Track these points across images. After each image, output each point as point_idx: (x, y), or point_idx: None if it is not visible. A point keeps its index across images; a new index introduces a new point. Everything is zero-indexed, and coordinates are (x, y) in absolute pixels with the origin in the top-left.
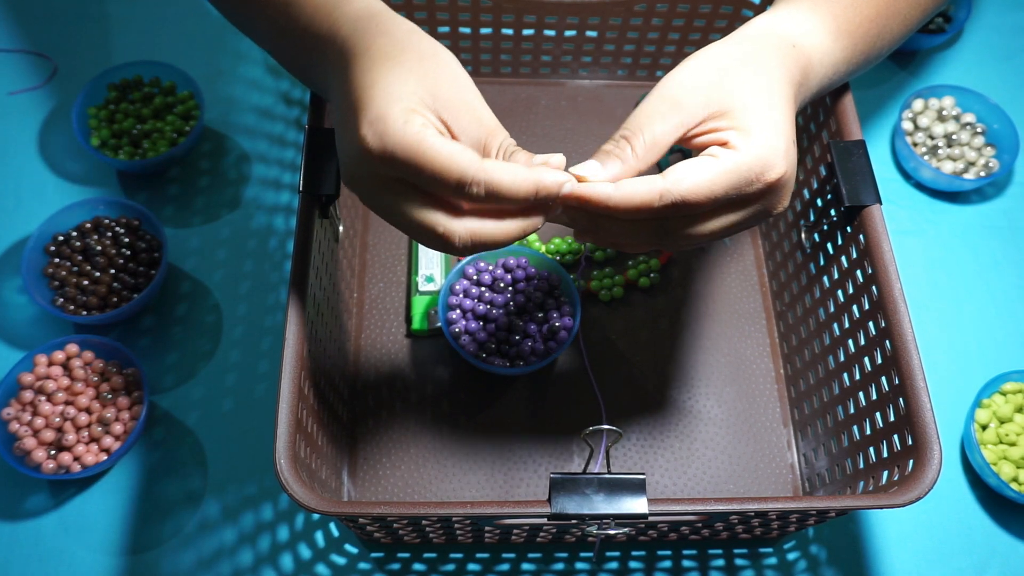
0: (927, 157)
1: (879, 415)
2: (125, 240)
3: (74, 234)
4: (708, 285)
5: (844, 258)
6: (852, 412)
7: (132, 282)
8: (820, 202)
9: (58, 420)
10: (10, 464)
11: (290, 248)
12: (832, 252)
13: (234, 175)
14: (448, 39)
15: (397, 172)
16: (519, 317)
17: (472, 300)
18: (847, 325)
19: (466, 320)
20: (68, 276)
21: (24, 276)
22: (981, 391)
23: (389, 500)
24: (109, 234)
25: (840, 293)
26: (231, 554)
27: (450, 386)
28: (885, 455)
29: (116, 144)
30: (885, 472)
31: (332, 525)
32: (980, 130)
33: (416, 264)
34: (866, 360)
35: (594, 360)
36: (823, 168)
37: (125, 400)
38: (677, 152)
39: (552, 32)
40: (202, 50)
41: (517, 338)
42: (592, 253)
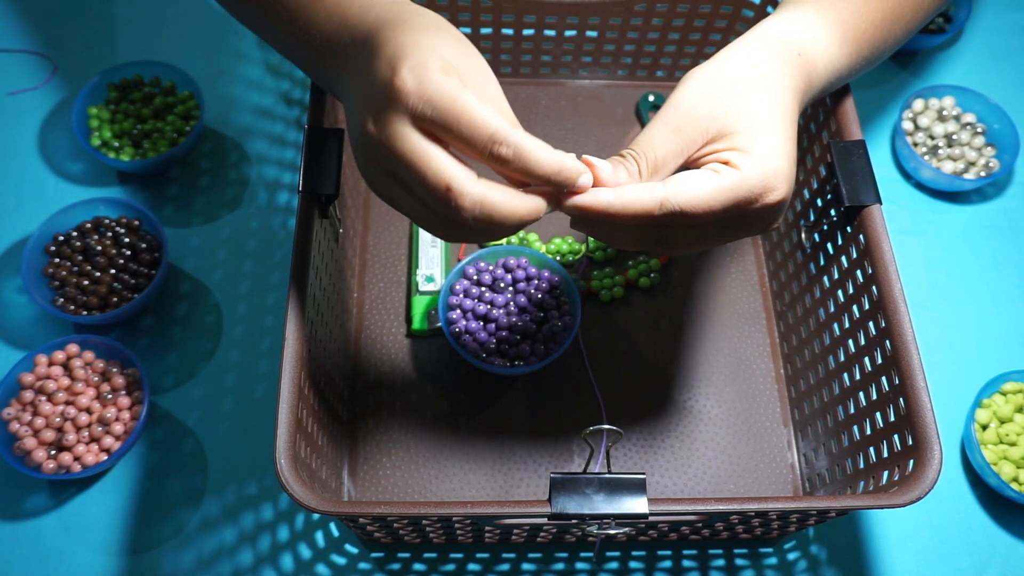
0: (927, 157)
1: (879, 415)
2: (125, 240)
3: (74, 234)
4: (708, 285)
5: (844, 258)
6: (852, 412)
7: (132, 282)
8: (820, 202)
9: (58, 420)
10: (10, 464)
11: (290, 248)
12: (832, 252)
13: (234, 175)
14: None
15: (430, 117)
16: (519, 317)
17: (472, 300)
18: (847, 325)
19: (466, 320)
20: (68, 276)
21: (24, 276)
22: (981, 391)
23: (389, 500)
24: (109, 234)
25: (840, 293)
26: (231, 554)
27: (450, 386)
28: (885, 455)
29: (116, 144)
30: (885, 472)
31: (332, 525)
32: (980, 130)
33: (416, 264)
34: (866, 360)
35: (594, 360)
36: (823, 168)
37: (125, 400)
38: None
39: (552, 32)
40: (202, 50)
41: (517, 338)
42: (592, 253)
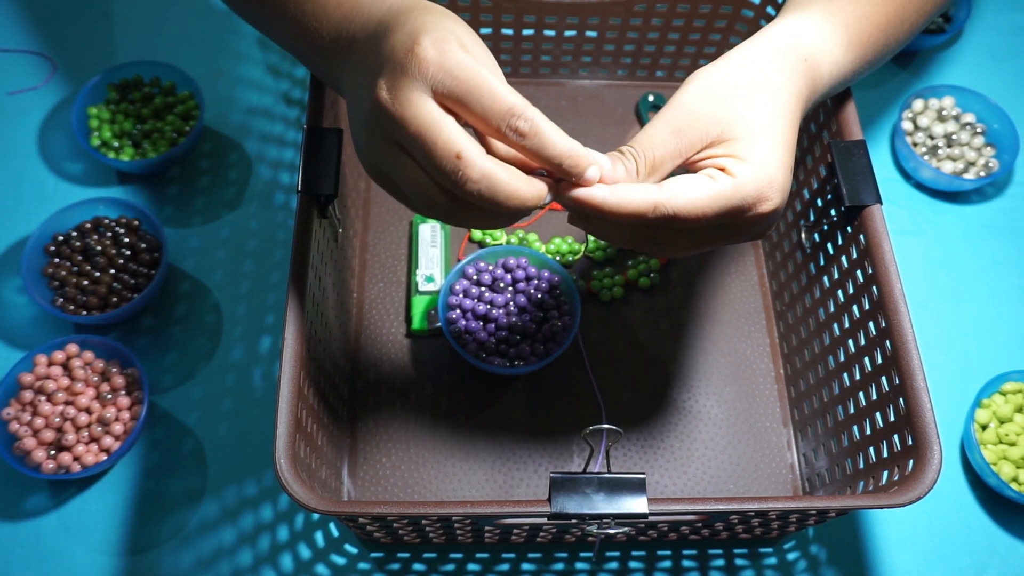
0: (927, 157)
1: (879, 415)
2: (125, 240)
3: (74, 234)
4: (708, 285)
5: (844, 258)
6: (852, 412)
7: (132, 282)
8: (820, 202)
9: (58, 420)
10: (10, 464)
11: (290, 248)
12: (832, 252)
13: (234, 175)
14: None
15: (449, 88)
16: (519, 317)
17: (472, 300)
18: (847, 325)
19: (466, 320)
20: (68, 276)
21: (24, 276)
22: (981, 391)
23: (389, 500)
24: (109, 234)
25: (840, 293)
26: (231, 554)
27: (450, 386)
28: (885, 455)
29: (116, 144)
30: (885, 472)
31: (332, 525)
32: (980, 130)
33: (416, 264)
34: (866, 360)
35: (594, 360)
36: (823, 168)
37: (125, 400)
38: None
39: (552, 32)
40: (202, 50)
41: (517, 338)
42: (592, 253)
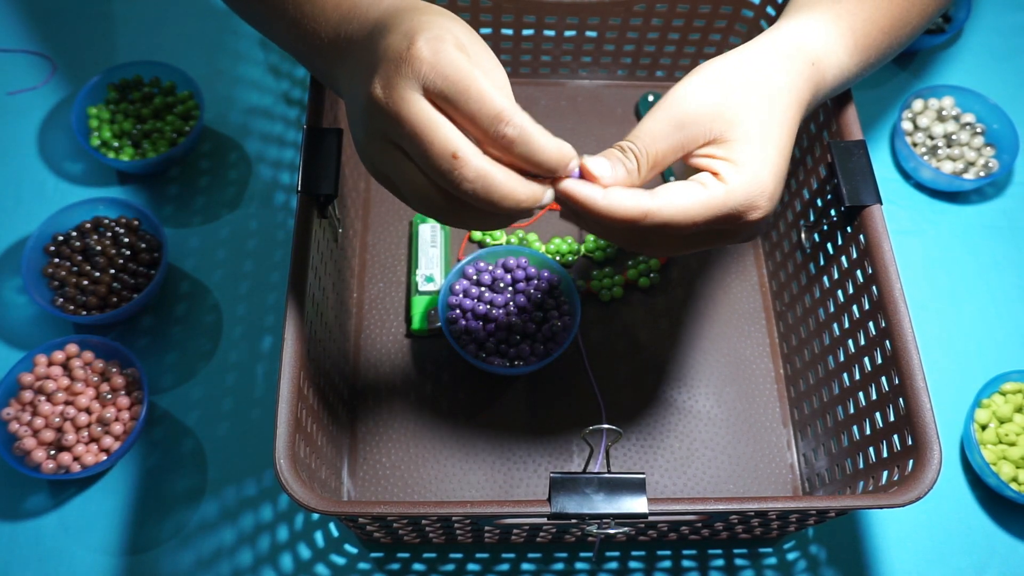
0: (927, 157)
1: (879, 415)
2: (125, 240)
3: (74, 234)
4: (708, 285)
5: (844, 258)
6: (852, 412)
7: (132, 282)
8: (820, 202)
9: (58, 420)
10: (10, 464)
11: (290, 248)
12: (832, 252)
13: (234, 175)
14: None
15: (441, 88)
16: (519, 317)
17: (472, 300)
18: (847, 325)
19: (466, 320)
20: (68, 276)
21: (24, 276)
22: (981, 391)
23: (389, 500)
24: (109, 234)
25: (840, 293)
26: (231, 554)
27: (450, 386)
28: (885, 455)
29: (116, 144)
30: (885, 472)
31: (332, 525)
32: (980, 130)
33: (416, 264)
34: (866, 360)
35: (594, 360)
36: (823, 168)
37: (125, 400)
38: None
39: (552, 32)
40: (202, 50)
41: (517, 338)
42: (592, 253)
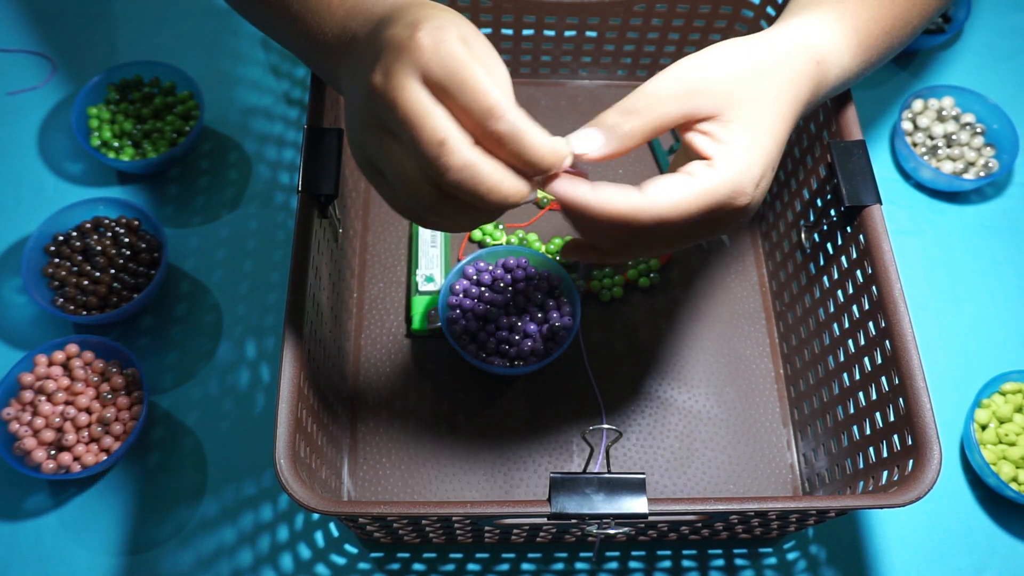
0: (927, 157)
1: (879, 415)
2: (125, 240)
3: (74, 234)
4: (708, 285)
5: (844, 258)
6: (852, 412)
7: (132, 282)
8: (820, 202)
9: (58, 420)
10: (10, 464)
11: (290, 248)
12: (832, 252)
13: (234, 175)
14: None
15: (439, 76)
16: (519, 317)
17: (472, 300)
18: (847, 325)
19: (466, 320)
20: (68, 276)
21: (24, 276)
22: (981, 391)
23: (389, 500)
24: (109, 234)
25: (840, 293)
26: (231, 554)
27: (450, 386)
28: (885, 455)
29: (116, 144)
30: (885, 472)
31: (332, 525)
32: (980, 130)
33: (416, 264)
34: (866, 360)
35: (594, 360)
36: (823, 168)
37: (125, 400)
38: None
39: (552, 32)
40: (202, 50)
41: (517, 338)
42: None
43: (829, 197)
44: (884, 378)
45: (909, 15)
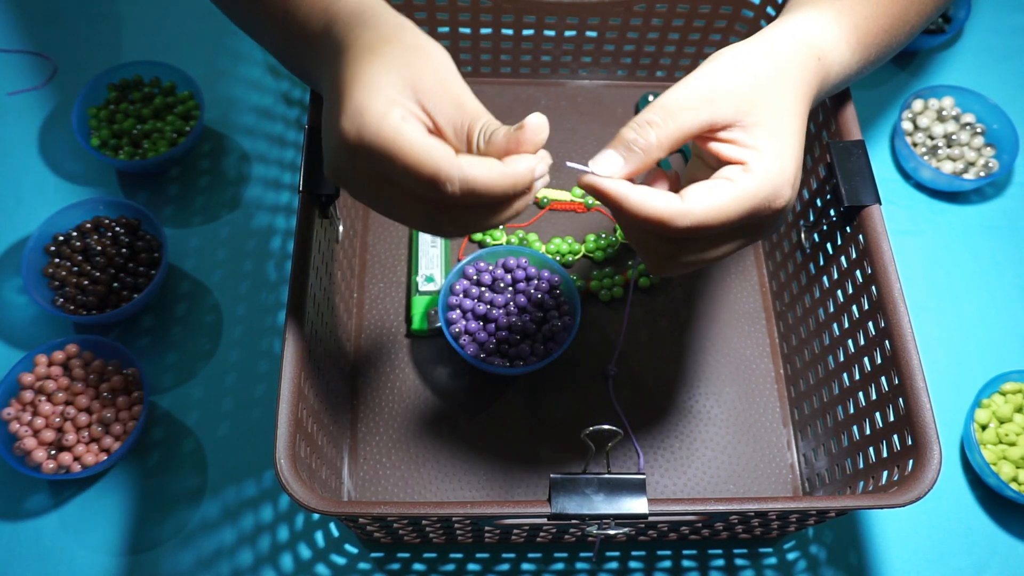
0: (927, 157)
1: (879, 415)
2: (125, 240)
3: (74, 234)
4: (708, 285)
5: (844, 258)
6: (852, 412)
7: (132, 282)
8: (820, 202)
9: (58, 420)
10: (10, 464)
11: (290, 248)
12: (832, 252)
13: (234, 175)
14: (448, 39)
15: (374, 166)
16: (519, 317)
17: (472, 300)
18: (847, 325)
19: (466, 320)
20: (68, 276)
21: (24, 276)
22: (981, 391)
23: (389, 500)
24: (109, 234)
25: (840, 293)
26: (231, 554)
27: (450, 386)
28: (885, 455)
29: (116, 144)
30: (885, 472)
31: (332, 525)
32: (980, 130)
33: (416, 264)
34: (866, 360)
35: (594, 360)
36: (823, 168)
37: (125, 400)
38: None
39: (552, 32)
40: (202, 50)
41: (517, 338)
42: (592, 253)
43: (829, 197)
44: (884, 378)
45: (907, 14)
